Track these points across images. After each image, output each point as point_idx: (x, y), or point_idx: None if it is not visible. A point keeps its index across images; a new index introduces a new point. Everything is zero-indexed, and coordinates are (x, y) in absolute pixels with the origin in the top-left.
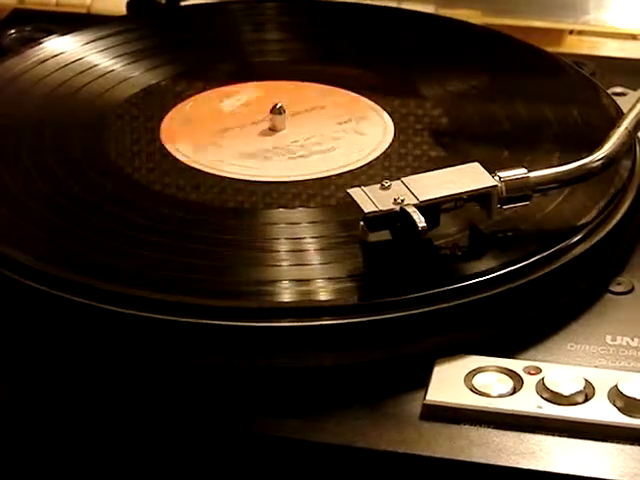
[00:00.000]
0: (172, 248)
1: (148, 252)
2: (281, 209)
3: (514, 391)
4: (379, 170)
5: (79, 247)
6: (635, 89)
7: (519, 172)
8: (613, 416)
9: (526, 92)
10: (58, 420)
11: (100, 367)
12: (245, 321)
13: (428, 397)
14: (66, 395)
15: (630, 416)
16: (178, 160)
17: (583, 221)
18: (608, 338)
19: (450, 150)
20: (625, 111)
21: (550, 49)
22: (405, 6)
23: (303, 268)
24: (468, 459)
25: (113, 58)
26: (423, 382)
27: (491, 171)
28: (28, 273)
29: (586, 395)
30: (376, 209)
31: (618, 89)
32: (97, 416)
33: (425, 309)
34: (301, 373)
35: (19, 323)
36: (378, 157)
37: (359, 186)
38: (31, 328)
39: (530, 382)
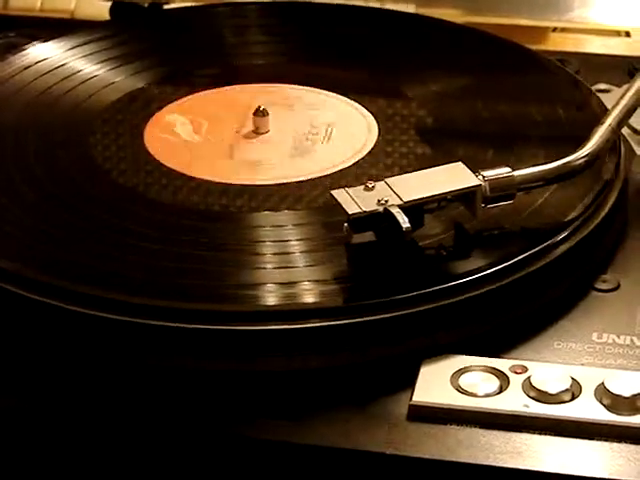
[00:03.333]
0: (157, 252)
1: (134, 257)
2: (266, 212)
3: (500, 390)
4: (364, 171)
5: (67, 254)
6: (619, 86)
7: (503, 171)
8: (600, 414)
9: (510, 90)
10: (55, 427)
11: (90, 373)
12: (230, 324)
13: (414, 398)
14: (61, 402)
15: (617, 414)
16: (162, 164)
17: (568, 219)
18: (594, 336)
19: (435, 150)
20: (609, 108)
21: (534, 47)
22: (387, 6)
23: (289, 271)
24: (455, 459)
25: (97, 63)
26: (409, 383)
27: (475, 170)
28: (18, 282)
29: (573, 393)
30: (360, 210)
31: (602, 86)
32: (91, 421)
33: (410, 310)
34: (287, 376)
35: (13, 333)
36: (362, 158)
37: (343, 187)
38: (25, 337)
39: (516, 381)
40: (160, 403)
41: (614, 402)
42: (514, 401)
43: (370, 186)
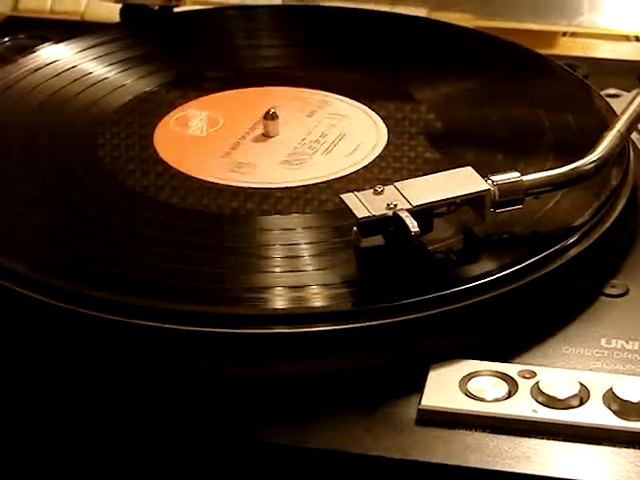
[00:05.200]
0: (166, 255)
1: (142, 259)
2: (276, 215)
3: (509, 395)
4: (373, 175)
5: (73, 255)
6: (629, 91)
7: (512, 176)
8: (608, 419)
9: (519, 95)
10: (55, 428)
11: (95, 376)
12: (238, 328)
13: (423, 402)
14: (62, 403)
15: (625, 419)
16: (172, 167)
17: (577, 223)
18: (603, 341)
19: (444, 154)
20: (618, 113)
21: (543, 51)
22: (398, 10)
23: (297, 274)
24: (464, 464)
25: (107, 65)
26: (418, 387)
27: (484, 175)
28: (22, 281)
29: (581, 399)
30: (369, 214)
31: (612, 91)
32: (94, 423)
33: (419, 314)
34: (295, 379)
35: (16, 332)
36: (372, 162)
37: (352, 191)
38: (27, 337)
39: (525, 386)
40: (167, 406)
41: (622, 408)
42: (523, 406)
43: (379, 190)
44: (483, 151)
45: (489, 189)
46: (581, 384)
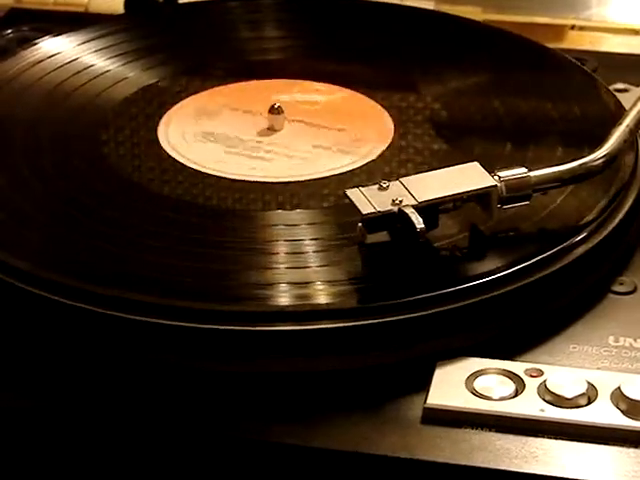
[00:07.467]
0: (169, 251)
1: (145, 255)
2: (279, 210)
3: (516, 394)
4: (378, 170)
5: (76, 252)
6: (637, 85)
7: (519, 171)
8: (616, 419)
9: (527, 89)
10: (57, 425)
11: (97, 371)
12: (243, 325)
13: (429, 401)
14: (65, 400)
15: (633, 419)
16: (176, 161)
17: (585, 220)
18: (611, 339)
19: (451, 148)
20: (627, 108)
21: (551, 45)
22: (406, 3)
23: (301, 271)
24: (470, 463)
25: (110, 57)
26: (424, 385)
27: (491, 170)
28: (25, 278)
29: (589, 398)
30: (374, 210)
31: (620, 85)
32: (93, 420)
33: (425, 312)
34: (300, 378)
35: (18, 329)
36: (378, 156)
37: (357, 187)
38: (30, 334)
39: (532, 385)
40: (172, 406)
41: (630, 407)
42: (530, 405)
43: (384, 186)
44: (491, 145)
45: (496, 185)
46: (589, 383)
